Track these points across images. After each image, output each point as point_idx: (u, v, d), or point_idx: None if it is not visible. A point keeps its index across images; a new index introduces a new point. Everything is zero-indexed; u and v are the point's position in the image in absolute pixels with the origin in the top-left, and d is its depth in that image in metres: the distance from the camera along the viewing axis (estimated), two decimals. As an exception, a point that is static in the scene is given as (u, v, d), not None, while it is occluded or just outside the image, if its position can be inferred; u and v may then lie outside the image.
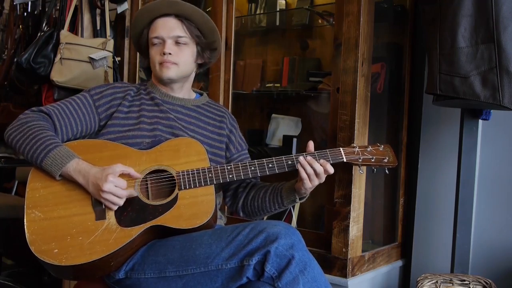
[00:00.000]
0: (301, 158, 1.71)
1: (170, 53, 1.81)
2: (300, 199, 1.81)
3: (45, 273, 1.60)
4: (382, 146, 1.82)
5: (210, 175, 1.69)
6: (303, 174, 1.69)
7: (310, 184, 1.71)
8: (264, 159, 1.73)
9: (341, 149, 1.78)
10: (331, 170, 1.72)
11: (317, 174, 1.70)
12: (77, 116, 1.78)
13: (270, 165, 1.72)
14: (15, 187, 3.35)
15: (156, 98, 1.87)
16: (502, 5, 1.77)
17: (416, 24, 2.51)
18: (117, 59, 2.79)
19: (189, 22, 1.85)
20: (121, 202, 1.60)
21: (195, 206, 1.65)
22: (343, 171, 2.10)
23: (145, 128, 1.78)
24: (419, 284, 2.02)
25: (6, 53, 3.26)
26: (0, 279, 2.99)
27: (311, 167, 1.70)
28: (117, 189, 1.58)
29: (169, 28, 1.83)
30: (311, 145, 1.78)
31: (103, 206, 1.61)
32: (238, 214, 1.96)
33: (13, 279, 3.05)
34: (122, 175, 1.62)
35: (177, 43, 1.84)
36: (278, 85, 2.88)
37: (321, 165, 1.70)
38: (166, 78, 1.85)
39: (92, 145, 1.73)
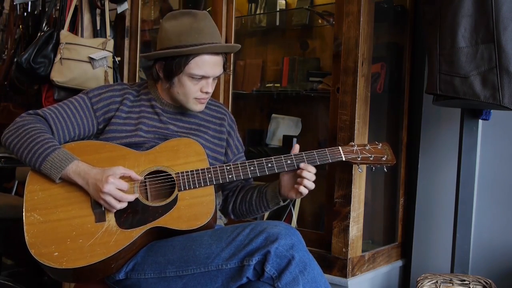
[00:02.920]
0: (302, 165, 1.71)
1: (210, 92, 1.78)
2: (283, 201, 1.82)
3: (45, 273, 1.60)
4: (380, 144, 1.83)
5: (209, 175, 1.69)
6: (309, 184, 1.71)
7: (305, 190, 1.72)
8: (263, 159, 1.73)
9: (340, 148, 1.78)
10: (314, 170, 1.73)
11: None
12: (74, 120, 1.76)
13: (269, 165, 1.72)
14: (15, 187, 3.35)
15: (156, 106, 1.84)
16: (502, 5, 1.77)
17: (416, 24, 2.51)
18: (117, 59, 2.79)
19: (226, 58, 1.83)
20: (118, 206, 1.59)
21: (195, 207, 1.64)
22: (343, 171, 2.10)
23: (142, 136, 1.76)
24: (419, 284, 2.02)
25: (6, 53, 3.26)
26: (0, 279, 2.99)
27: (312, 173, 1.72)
28: (117, 191, 1.58)
29: (218, 67, 1.76)
30: (297, 148, 1.78)
31: (103, 208, 1.61)
32: (230, 217, 1.96)
33: (13, 279, 3.06)
34: (123, 178, 1.61)
35: (214, 78, 1.79)
36: (278, 85, 2.87)
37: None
38: (195, 111, 1.84)
39: (90, 146, 1.73)
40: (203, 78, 1.74)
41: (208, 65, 1.73)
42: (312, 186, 1.71)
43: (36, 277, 3.23)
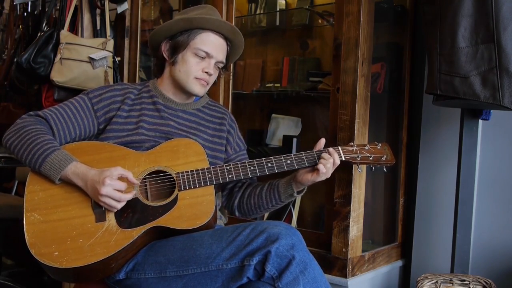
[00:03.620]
0: (331, 149, 1.75)
1: (211, 74, 1.82)
2: (297, 193, 1.81)
3: (45, 273, 1.60)
4: (380, 144, 1.83)
5: (209, 175, 1.69)
6: (326, 165, 1.71)
7: (325, 176, 1.74)
8: (263, 159, 1.73)
9: (339, 147, 1.78)
10: (338, 160, 1.76)
11: (334, 165, 1.74)
12: (75, 120, 1.77)
13: (269, 165, 1.72)
14: (15, 187, 3.35)
15: (158, 103, 1.85)
16: (502, 5, 1.78)
17: (416, 24, 2.51)
18: (117, 59, 2.79)
19: (230, 50, 1.87)
20: (119, 206, 1.59)
21: (195, 207, 1.65)
22: (343, 171, 2.10)
23: (144, 133, 1.77)
24: (419, 284, 2.02)
25: (6, 53, 3.26)
26: (0, 279, 2.99)
27: (334, 159, 1.73)
28: (115, 192, 1.58)
29: (221, 51, 1.83)
30: (322, 142, 1.79)
31: (103, 208, 1.61)
32: (234, 214, 1.96)
33: (13, 279, 3.05)
34: (121, 179, 1.61)
35: (216, 66, 1.83)
36: (278, 85, 2.88)
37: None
38: (195, 94, 1.85)
39: (91, 147, 1.73)
40: (206, 57, 1.79)
41: (213, 44, 1.80)
42: (323, 170, 1.71)
43: (36, 277, 3.22)
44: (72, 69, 2.60)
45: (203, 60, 1.80)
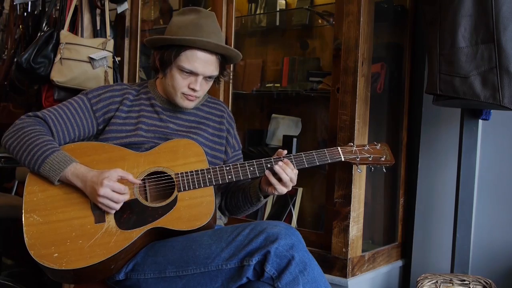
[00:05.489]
0: (276, 167, 1.68)
1: (198, 90, 1.77)
2: (265, 197, 1.80)
3: (45, 273, 1.61)
4: (379, 144, 1.83)
5: (209, 176, 1.68)
6: (273, 180, 1.68)
7: (284, 189, 1.70)
8: (262, 159, 1.72)
9: (339, 148, 1.78)
10: (296, 172, 1.71)
11: (291, 180, 1.69)
12: (74, 121, 1.76)
13: (268, 165, 1.71)
14: (15, 187, 3.35)
15: (156, 105, 1.85)
16: (502, 5, 1.77)
17: (416, 24, 2.51)
18: (117, 59, 2.79)
19: (224, 59, 1.81)
20: (117, 206, 1.59)
21: (195, 208, 1.64)
22: (343, 171, 2.10)
23: (142, 135, 1.77)
24: (419, 284, 2.02)
25: (6, 53, 3.26)
26: (0, 279, 2.99)
27: (286, 173, 1.68)
28: (113, 193, 1.57)
29: (207, 66, 1.75)
30: (280, 152, 1.75)
31: (102, 209, 1.61)
32: (224, 214, 1.95)
33: (13, 279, 3.05)
34: (121, 180, 1.61)
35: (206, 78, 1.79)
36: (278, 85, 2.87)
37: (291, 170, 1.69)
38: (183, 107, 1.82)
39: (90, 148, 1.72)
40: (192, 73, 1.75)
41: (199, 62, 1.74)
42: (278, 184, 1.69)
43: (36, 277, 3.23)
44: (72, 69, 2.60)
45: (189, 76, 1.75)
